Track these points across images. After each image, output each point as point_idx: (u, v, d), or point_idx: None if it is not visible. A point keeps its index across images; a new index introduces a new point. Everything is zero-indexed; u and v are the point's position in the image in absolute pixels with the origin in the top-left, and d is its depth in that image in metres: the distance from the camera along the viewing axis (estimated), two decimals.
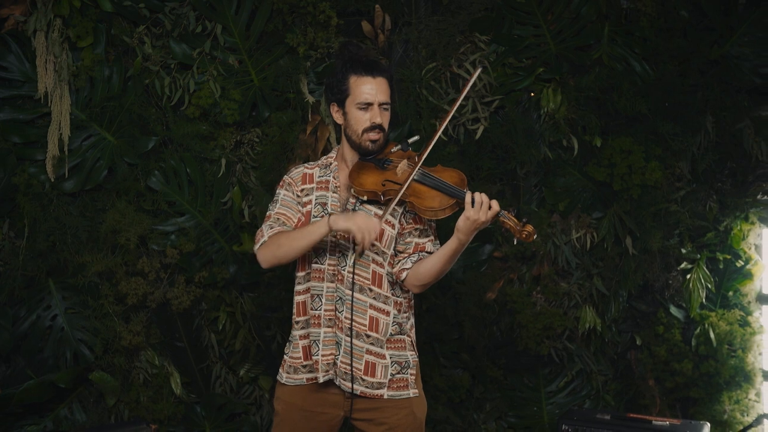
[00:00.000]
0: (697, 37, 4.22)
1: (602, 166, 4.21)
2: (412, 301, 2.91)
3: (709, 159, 4.25)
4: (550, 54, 4.24)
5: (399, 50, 4.24)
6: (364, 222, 2.60)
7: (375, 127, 2.75)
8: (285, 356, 2.89)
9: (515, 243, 2.86)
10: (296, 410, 2.82)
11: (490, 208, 2.59)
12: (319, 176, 2.86)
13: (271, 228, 2.79)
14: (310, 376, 2.80)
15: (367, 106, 2.74)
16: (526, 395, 4.35)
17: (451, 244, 2.67)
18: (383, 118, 2.76)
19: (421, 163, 2.71)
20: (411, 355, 2.84)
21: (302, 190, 2.85)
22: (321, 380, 2.76)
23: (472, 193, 2.60)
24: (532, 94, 4.28)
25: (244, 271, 4.02)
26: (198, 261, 3.97)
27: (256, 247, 2.81)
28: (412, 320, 2.90)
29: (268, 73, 4.03)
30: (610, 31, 4.23)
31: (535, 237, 2.61)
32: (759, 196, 4.28)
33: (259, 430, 4.11)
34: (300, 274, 2.85)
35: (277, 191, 2.89)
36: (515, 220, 2.61)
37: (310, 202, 2.83)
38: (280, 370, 2.88)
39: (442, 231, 2.93)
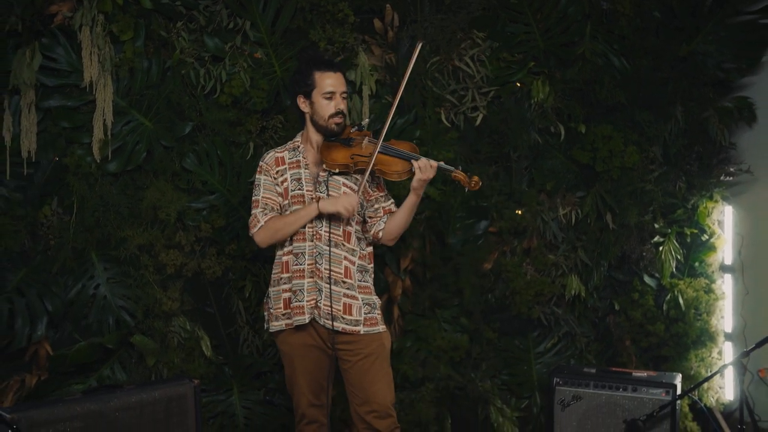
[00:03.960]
0: (669, 35, 4.55)
1: (585, 150, 4.52)
2: (372, 254, 3.45)
3: (678, 144, 4.59)
4: (539, 49, 4.54)
5: (406, 45, 4.49)
6: (347, 201, 3.20)
7: (339, 112, 3.27)
8: (270, 310, 3.40)
9: (466, 191, 3.27)
10: (298, 347, 3.35)
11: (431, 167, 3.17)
12: (290, 158, 3.37)
13: (264, 214, 3.32)
14: (288, 321, 3.31)
15: (331, 95, 3.27)
16: (517, 355, 4.63)
17: (411, 199, 3.28)
18: (343, 105, 3.31)
19: (382, 137, 3.21)
20: (375, 299, 3.39)
21: (277, 172, 3.36)
22: (307, 320, 3.27)
23: (417, 161, 3.19)
24: (519, 84, 4.52)
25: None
26: (228, 235, 4.21)
27: (254, 230, 3.34)
28: (372, 270, 3.42)
29: (290, 65, 4.24)
30: (592, 29, 4.54)
31: (480, 185, 3.19)
32: (722, 177, 4.62)
33: (282, 387, 4.27)
34: None
35: (257, 176, 3.39)
36: (464, 174, 3.21)
37: (285, 180, 3.34)
38: (266, 325, 3.43)
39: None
